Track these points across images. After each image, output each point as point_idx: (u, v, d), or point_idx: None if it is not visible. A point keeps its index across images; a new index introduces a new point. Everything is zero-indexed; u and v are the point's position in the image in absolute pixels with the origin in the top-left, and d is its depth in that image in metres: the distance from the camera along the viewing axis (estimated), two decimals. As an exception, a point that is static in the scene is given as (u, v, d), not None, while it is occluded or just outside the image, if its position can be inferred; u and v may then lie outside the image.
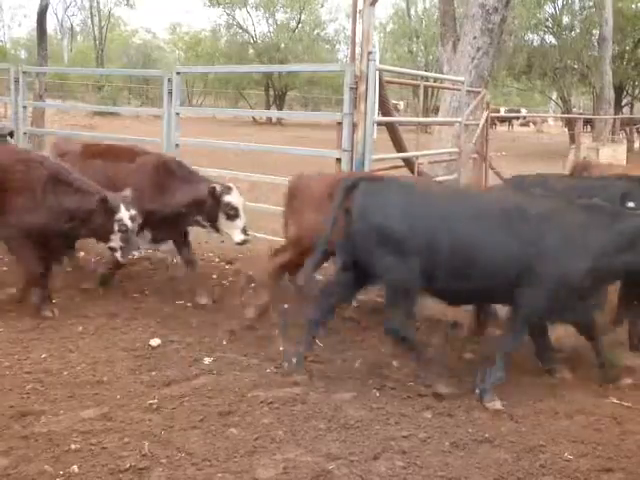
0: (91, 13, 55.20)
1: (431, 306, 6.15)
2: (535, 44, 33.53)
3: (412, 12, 47.89)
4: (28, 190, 5.72)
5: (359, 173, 6.17)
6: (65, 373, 4.71)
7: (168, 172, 6.46)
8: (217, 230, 6.44)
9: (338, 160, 6.73)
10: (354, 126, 6.60)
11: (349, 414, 4.26)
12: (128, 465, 3.56)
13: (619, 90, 32.52)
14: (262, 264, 6.46)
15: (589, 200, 5.00)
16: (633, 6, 32.02)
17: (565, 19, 33.31)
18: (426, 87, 10.07)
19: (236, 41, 47.66)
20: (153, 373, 4.79)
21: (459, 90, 9.77)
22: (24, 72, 9.56)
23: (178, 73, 8.02)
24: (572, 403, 4.57)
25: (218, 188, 6.15)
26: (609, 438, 4.12)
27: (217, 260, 7.91)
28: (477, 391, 4.57)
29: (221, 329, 5.67)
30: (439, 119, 12.43)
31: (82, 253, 7.61)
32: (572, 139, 23.90)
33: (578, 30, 32.49)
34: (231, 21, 47.63)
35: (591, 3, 31.51)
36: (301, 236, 5.71)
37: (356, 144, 6.59)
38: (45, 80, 15.26)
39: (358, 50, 6.85)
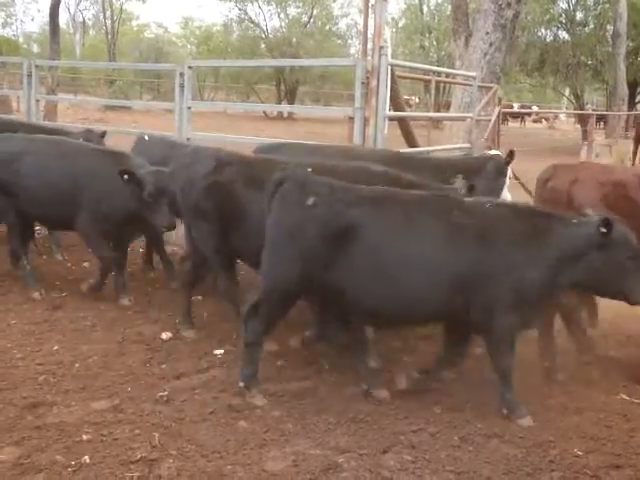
0: (103, 7, 55.18)
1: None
2: (548, 40, 33.31)
3: (424, 7, 47.71)
4: None
5: None
6: (77, 365, 4.75)
7: None
8: None
9: (349, 155, 6.73)
10: (365, 121, 6.60)
11: (359, 408, 4.27)
12: (139, 456, 3.59)
13: (633, 86, 32.27)
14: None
15: None
16: (648, 1, 31.75)
17: (579, 15, 33.10)
18: (438, 82, 10.04)
19: (248, 36, 47.61)
20: (164, 366, 4.82)
21: (471, 85, 9.76)
22: (37, 66, 9.64)
23: (190, 67, 8.05)
24: (581, 400, 4.57)
25: None
26: (618, 435, 4.12)
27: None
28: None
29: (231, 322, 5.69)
30: (451, 114, 12.41)
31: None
32: (585, 135, 23.75)
33: (592, 26, 32.27)
34: (243, 16, 47.69)
35: (605, -2, 31.33)
36: None
37: (367, 139, 6.59)
38: (57, 74, 15.37)
39: (370, 45, 6.86)
